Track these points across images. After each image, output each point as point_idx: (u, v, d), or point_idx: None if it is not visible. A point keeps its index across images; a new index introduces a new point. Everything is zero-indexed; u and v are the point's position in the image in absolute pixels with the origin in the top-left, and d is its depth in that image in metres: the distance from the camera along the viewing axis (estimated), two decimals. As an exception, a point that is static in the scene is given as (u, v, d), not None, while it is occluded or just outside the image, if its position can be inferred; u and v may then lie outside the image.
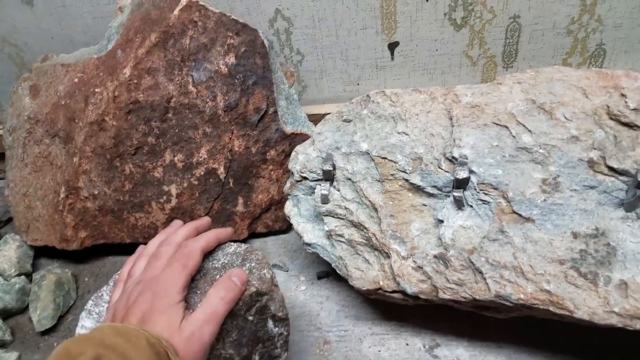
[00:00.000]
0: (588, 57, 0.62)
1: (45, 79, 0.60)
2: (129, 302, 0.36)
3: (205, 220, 0.44)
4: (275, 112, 0.57)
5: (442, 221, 0.41)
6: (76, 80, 0.57)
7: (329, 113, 0.50)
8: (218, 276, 0.39)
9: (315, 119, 0.64)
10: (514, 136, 0.40)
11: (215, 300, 0.36)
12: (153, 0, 0.56)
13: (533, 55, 0.62)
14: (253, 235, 0.62)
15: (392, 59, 0.64)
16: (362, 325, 0.51)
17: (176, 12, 0.53)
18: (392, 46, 0.63)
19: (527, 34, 0.60)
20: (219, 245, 0.42)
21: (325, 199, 0.46)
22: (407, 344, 0.48)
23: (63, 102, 0.57)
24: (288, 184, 0.51)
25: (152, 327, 0.33)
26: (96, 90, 0.55)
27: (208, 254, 0.41)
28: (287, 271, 0.58)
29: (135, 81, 0.53)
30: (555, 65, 0.43)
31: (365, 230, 0.44)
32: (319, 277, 0.57)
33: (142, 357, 0.30)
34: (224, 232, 0.42)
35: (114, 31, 0.58)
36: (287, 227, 0.63)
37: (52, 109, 0.58)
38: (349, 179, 0.46)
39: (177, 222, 0.45)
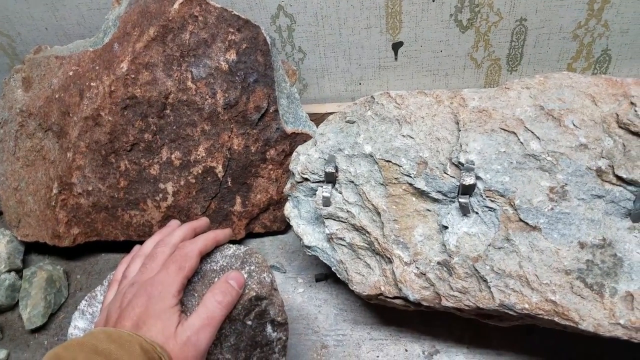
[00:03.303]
0: (593, 62, 0.61)
1: (38, 71, 0.58)
2: (122, 305, 0.35)
3: (204, 221, 0.43)
4: (276, 110, 0.56)
5: (446, 227, 0.40)
6: (71, 73, 0.55)
7: (330, 112, 0.49)
8: (216, 279, 0.38)
9: (316, 118, 0.63)
10: (521, 142, 0.39)
11: (212, 305, 0.35)
12: (152, -7, 0.54)
13: (538, 59, 0.62)
14: (250, 235, 0.61)
15: (396, 59, 0.63)
16: (360, 329, 0.50)
17: (176, 5, 0.51)
18: (396, 46, 0.62)
19: (533, 37, 0.60)
20: (217, 247, 0.41)
21: (326, 202, 0.45)
22: (406, 350, 0.48)
23: (57, 96, 0.55)
24: (288, 185, 0.50)
25: (147, 332, 0.32)
26: (92, 84, 0.53)
27: (206, 255, 0.40)
28: (285, 273, 0.57)
29: (133, 76, 0.52)
30: (563, 71, 0.42)
31: (367, 235, 0.44)
32: (317, 280, 0.56)
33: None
34: (222, 233, 0.41)
35: (111, 24, 0.56)
36: (286, 228, 0.62)
37: (46, 102, 0.56)
38: (352, 182, 0.45)
39: (174, 222, 0.43)
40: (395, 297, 0.42)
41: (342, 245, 0.45)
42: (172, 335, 0.32)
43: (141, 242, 0.54)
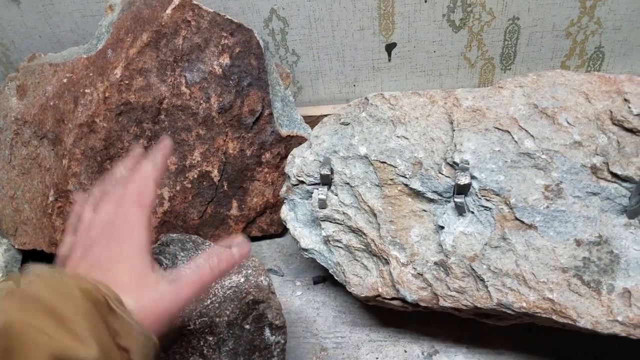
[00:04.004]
0: (587, 60, 0.61)
1: (32, 79, 0.58)
2: (82, 248, 0.31)
3: (140, 150, 0.37)
4: (271, 114, 0.56)
5: (442, 227, 0.40)
6: (65, 80, 0.55)
7: (325, 114, 0.49)
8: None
9: (311, 120, 0.63)
10: (516, 141, 0.39)
11: (204, 266, 0.31)
12: (145, -1, 0.54)
13: (531, 58, 0.62)
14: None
15: (389, 60, 0.64)
16: (359, 331, 0.50)
17: (169, 11, 0.51)
18: (390, 47, 0.62)
19: (526, 36, 0.60)
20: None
21: (322, 204, 0.45)
22: (405, 351, 0.48)
23: (51, 103, 0.55)
24: (284, 188, 0.50)
25: (112, 276, 0.28)
26: (86, 91, 0.53)
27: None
28: (283, 276, 0.57)
29: (127, 82, 0.52)
30: (557, 69, 0.42)
31: (363, 236, 0.43)
32: (315, 282, 0.56)
33: (75, 310, 0.24)
34: (165, 148, 0.35)
35: (104, 30, 0.56)
36: (283, 231, 0.62)
37: (40, 109, 0.56)
38: (347, 184, 0.45)
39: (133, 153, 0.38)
40: (393, 298, 0.42)
41: (339, 247, 0.45)
42: (141, 281, 0.28)
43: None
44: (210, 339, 0.38)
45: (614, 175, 0.36)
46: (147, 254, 0.30)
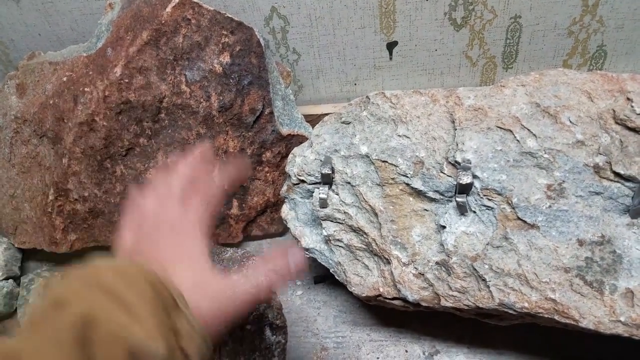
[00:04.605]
0: (589, 59, 0.61)
1: (32, 77, 0.58)
2: (140, 237, 0.30)
3: (205, 146, 0.37)
4: (271, 112, 0.56)
5: (444, 227, 0.40)
6: (65, 79, 0.55)
7: (325, 113, 0.49)
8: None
9: (311, 119, 0.63)
10: (518, 140, 0.39)
11: (264, 276, 0.29)
12: (145, -3, 0.54)
13: (533, 56, 0.61)
14: (248, 238, 0.61)
15: (391, 58, 0.63)
16: (360, 331, 0.50)
17: (169, 9, 0.51)
18: (391, 46, 0.62)
19: (528, 34, 0.59)
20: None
21: (323, 203, 0.45)
22: (406, 351, 0.47)
23: (51, 102, 0.55)
24: (285, 187, 0.50)
25: (173, 273, 0.27)
26: (86, 89, 0.53)
27: None
28: (283, 275, 0.57)
29: (127, 80, 0.52)
30: (559, 68, 0.42)
31: (364, 236, 0.43)
32: (316, 282, 0.55)
33: (143, 303, 0.23)
34: (202, 147, 0.35)
35: (104, 28, 0.56)
36: (283, 230, 0.62)
37: (40, 108, 0.56)
38: (348, 183, 0.45)
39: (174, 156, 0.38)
40: (394, 298, 0.42)
41: (339, 246, 0.45)
42: (202, 282, 0.28)
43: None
44: (211, 338, 0.38)
45: (617, 174, 0.36)
46: (208, 255, 0.30)
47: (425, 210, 0.42)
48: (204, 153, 0.35)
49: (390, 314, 0.50)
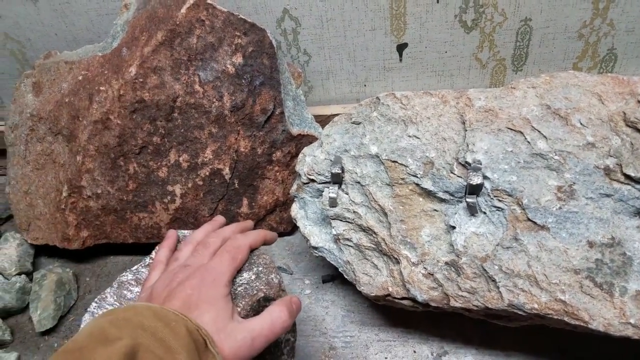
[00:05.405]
0: (599, 62, 0.61)
1: (48, 76, 0.59)
2: (171, 285, 0.33)
3: (249, 223, 0.44)
4: (282, 113, 0.56)
5: (454, 227, 0.40)
6: (80, 78, 0.56)
7: (335, 114, 0.50)
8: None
9: (321, 120, 0.63)
10: (528, 142, 0.39)
11: (278, 317, 0.33)
12: (160, -2, 0.55)
13: (543, 59, 0.61)
14: (257, 237, 0.62)
15: (400, 60, 0.64)
16: (368, 331, 0.50)
17: (183, 10, 0.52)
18: (401, 48, 0.62)
19: (538, 37, 0.60)
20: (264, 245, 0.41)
21: (333, 202, 0.45)
22: (414, 351, 0.48)
23: (67, 100, 0.56)
24: (295, 186, 0.50)
25: (198, 316, 0.30)
26: (101, 88, 0.54)
27: None
28: (292, 274, 0.58)
29: (141, 80, 0.53)
30: (570, 70, 0.42)
31: (374, 235, 0.44)
32: (324, 281, 0.56)
33: (181, 344, 0.27)
34: (271, 234, 0.42)
35: (119, 29, 0.57)
36: (292, 229, 0.62)
37: (56, 106, 0.57)
38: (358, 183, 0.45)
39: (220, 218, 0.44)
40: (403, 298, 0.42)
41: (349, 246, 0.45)
42: (224, 327, 0.31)
43: (149, 245, 0.54)
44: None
45: (627, 177, 0.36)
46: (231, 302, 0.33)
47: (435, 210, 0.42)
48: (244, 227, 0.42)
49: (398, 314, 0.50)
